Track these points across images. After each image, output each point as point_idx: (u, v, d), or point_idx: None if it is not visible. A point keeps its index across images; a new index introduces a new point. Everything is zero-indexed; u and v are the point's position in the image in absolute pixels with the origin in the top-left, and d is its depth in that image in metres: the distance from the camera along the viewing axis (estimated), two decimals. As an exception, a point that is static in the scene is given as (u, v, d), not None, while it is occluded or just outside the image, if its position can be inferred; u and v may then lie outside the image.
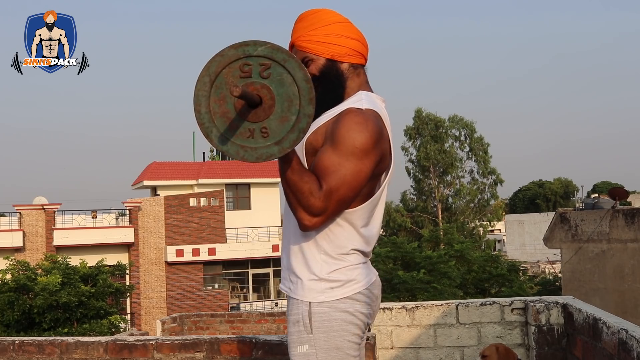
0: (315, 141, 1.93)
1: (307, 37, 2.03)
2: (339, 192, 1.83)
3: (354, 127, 1.85)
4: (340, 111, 1.93)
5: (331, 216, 1.86)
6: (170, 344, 3.36)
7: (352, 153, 1.84)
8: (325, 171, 1.83)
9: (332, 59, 2.02)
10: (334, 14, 2.06)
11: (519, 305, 3.67)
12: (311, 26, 2.03)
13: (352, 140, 1.84)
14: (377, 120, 1.91)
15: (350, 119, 1.87)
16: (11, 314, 16.04)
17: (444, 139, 41.41)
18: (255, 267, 31.43)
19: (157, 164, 32.21)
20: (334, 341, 1.91)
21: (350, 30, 2.05)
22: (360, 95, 2.00)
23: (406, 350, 3.67)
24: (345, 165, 1.83)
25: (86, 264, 18.20)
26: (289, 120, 1.72)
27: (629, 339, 2.41)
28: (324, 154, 1.86)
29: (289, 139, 1.71)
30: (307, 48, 2.03)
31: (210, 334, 9.10)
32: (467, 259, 22.53)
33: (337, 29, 2.03)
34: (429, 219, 41.01)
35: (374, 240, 2.04)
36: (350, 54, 2.03)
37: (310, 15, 2.05)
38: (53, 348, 3.45)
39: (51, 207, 26.62)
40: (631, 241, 10.25)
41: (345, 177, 1.83)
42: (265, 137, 1.73)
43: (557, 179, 66.79)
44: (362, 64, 2.08)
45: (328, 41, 2.01)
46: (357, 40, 2.05)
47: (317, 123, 1.96)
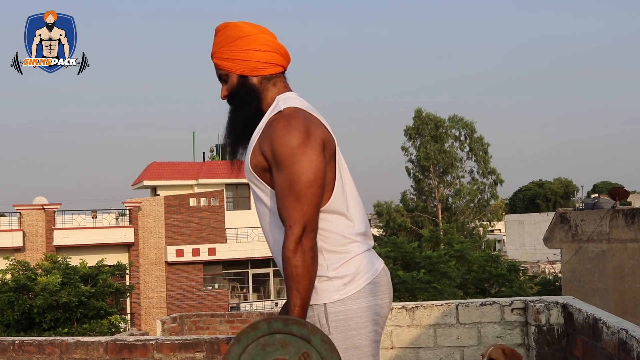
0: (258, 162, 1.95)
1: (218, 54, 2.08)
2: (301, 196, 1.85)
3: (280, 133, 1.89)
4: (264, 126, 1.97)
5: (312, 216, 1.87)
6: (170, 344, 3.36)
7: (292, 155, 1.86)
8: (282, 194, 1.87)
9: (242, 74, 2.05)
10: (242, 27, 2.07)
11: (519, 305, 3.67)
12: (221, 42, 2.07)
13: (286, 146, 1.87)
14: (298, 112, 1.94)
15: (274, 128, 1.91)
16: (11, 314, 16.04)
17: (444, 139, 41.39)
18: (255, 267, 31.43)
19: (157, 164, 32.21)
20: (352, 340, 1.91)
21: (259, 42, 2.06)
22: (277, 101, 2.02)
23: (406, 350, 3.67)
24: (294, 169, 1.86)
25: (86, 264, 18.21)
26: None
27: (629, 339, 2.41)
28: (276, 180, 1.90)
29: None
30: (220, 65, 2.08)
31: (210, 334, 9.10)
32: (467, 259, 22.53)
33: (243, 43, 2.04)
34: (429, 219, 41.00)
35: (363, 218, 2.05)
36: (260, 67, 2.05)
37: (221, 30, 2.09)
38: (53, 348, 3.45)
39: (51, 207, 26.62)
40: (631, 241, 10.25)
41: (300, 178, 1.85)
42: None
43: (557, 179, 66.78)
44: (277, 72, 2.09)
45: (236, 57, 2.04)
46: (267, 51, 2.06)
47: (251, 145, 1.99)
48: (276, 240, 1.97)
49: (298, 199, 1.84)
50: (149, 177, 31.36)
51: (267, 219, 2.00)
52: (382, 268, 2.03)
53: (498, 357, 3.12)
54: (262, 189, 1.98)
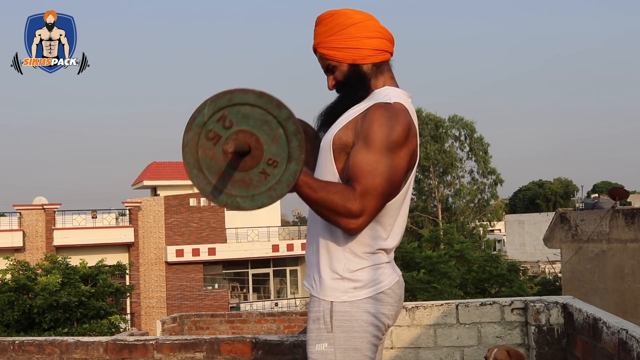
0: (346, 136, 1.90)
1: (326, 44, 2.00)
2: (378, 190, 1.81)
3: (385, 121, 1.84)
4: (368, 106, 1.92)
5: (374, 214, 1.84)
6: (170, 344, 3.36)
7: (387, 148, 1.83)
8: (360, 171, 1.82)
9: (354, 63, 1.99)
10: (351, 14, 2.01)
11: (519, 305, 3.67)
12: (329, 31, 2.00)
13: (385, 135, 1.83)
14: (407, 114, 1.91)
15: (380, 114, 1.86)
16: (11, 314, 16.03)
17: (444, 139, 41.41)
18: (255, 267, 31.43)
19: (157, 164, 32.22)
20: (353, 342, 1.90)
21: (369, 29, 2.00)
22: (387, 90, 1.98)
23: (406, 350, 3.67)
24: (382, 161, 1.82)
25: (86, 264, 18.20)
26: (282, 143, 1.72)
27: (629, 339, 2.41)
28: (357, 154, 1.84)
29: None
30: (328, 55, 2.00)
31: (210, 334, 9.10)
32: (467, 259, 22.53)
33: (355, 31, 1.98)
34: (429, 219, 41.01)
35: (400, 237, 2.02)
36: (371, 55, 1.99)
37: (327, 19, 2.01)
38: (53, 348, 3.45)
39: (51, 207, 26.61)
40: (631, 241, 10.25)
41: (383, 173, 1.81)
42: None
43: (557, 179, 66.75)
44: (386, 59, 2.04)
45: (347, 45, 1.98)
46: (377, 38, 2.01)
47: (346, 118, 1.94)
48: (315, 221, 1.96)
49: (374, 190, 1.81)
50: (149, 177, 31.36)
51: None
52: (396, 281, 2.00)
53: (503, 359, 3.12)
54: (328, 165, 1.93)
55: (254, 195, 1.73)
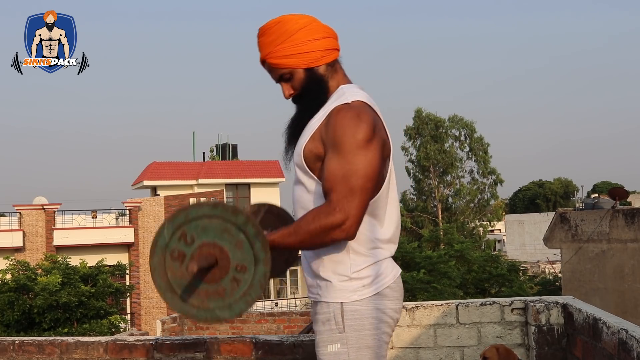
0: (315, 147, 1.91)
1: (277, 53, 1.98)
2: (356, 189, 1.82)
3: (348, 123, 1.85)
4: (328, 112, 1.92)
5: (360, 213, 1.85)
6: (170, 344, 3.36)
7: (357, 147, 1.83)
8: (334, 179, 1.83)
9: (308, 67, 1.98)
10: (296, 20, 1.99)
11: (519, 305, 3.67)
12: (277, 40, 1.97)
13: (352, 137, 1.84)
14: (367, 109, 1.92)
15: (341, 117, 1.87)
16: (11, 314, 16.03)
17: (444, 139, 41.40)
18: (255, 267, 31.40)
19: (157, 164, 32.21)
20: (366, 340, 1.91)
21: (316, 30, 1.99)
22: (343, 90, 1.98)
23: (406, 350, 3.67)
24: (354, 160, 1.83)
25: (86, 264, 18.20)
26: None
27: (629, 339, 2.41)
28: (329, 163, 1.86)
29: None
30: (281, 64, 1.98)
31: (210, 334, 9.10)
32: (467, 259, 22.53)
33: (303, 35, 1.97)
34: (429, 219, 41.00)
35: (395, 225, 2.03)
36: (323, 55, 1.99)
37: (272, 28, 1.99)
38: (53, 348, 3.45)
39: (51, 207, 26.61)
40: (631, 241, 10.25)
41: (358, 171, 1.82)
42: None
43: (557, 179, 66.79)
44: (337, 57, 2.05)
45: (299, 51, 1.96)
46: (325, 38, 2.00)
47: (311, 129, 1.94)
48: None
49: (352, 191, 1.82)
50: (149, 177, 31.35)
51: (302, 204, 1.97)
52: (398, 275, 2.03)
53: (492, 356, 3.15)
54: (308, 176, 1.94)
55: (230, 304, 1.78)
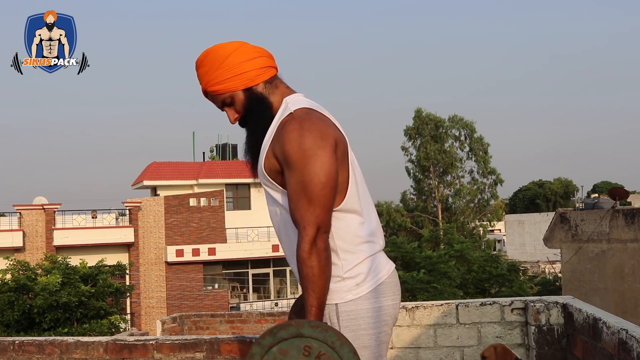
0: (272, 165, 1.96)
1: (213, 80, 2.04)
2: (314, 198, 1.85)
3: (292, 135, 1.89)
4: (275, 128, 1.97)
5: (326, 216, 1.88)
6: (170, 344, 3.36)
7: (304, 157, 1.86)
8: (295, 196, 1.88)
9: (246, 87, 2.03)
10: (224, 46, 2.05)
11: (519, 305, 3.67)
12: (211, 69, 2.04)
13: (298, 148, 1.87)
14: (309, 113, 1.95)
15: (286, 130, 1.91)
16: (11, 314, 16.04)
17: (444, 139, 41.40)
18: (255, 267, 31.42)
19: (157, 164, 32.20)
20: (362, 340, 1.92)
21: (247, 52, 2.05)
22: (286, 102, 2.02)
23: (406, 350, 3.67)
24: (306, 172, 1.86)
25: (86, 264, 18.21)
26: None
27: (629, 339, 2.41)
28: (288, 182, 1.90)
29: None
30: (220, 90, 2.04)
31: (210, 334, 9.10)
32: (467, 259, 22.53)
33: (234, 58, 2.03)
34: (429, 219, 41.00)
35: (374, 215, 2.06)
36: (259, 74, 2.04)
37: (204, 59, 2.06)
38: (53, 348, 3.44)
39: (51, 207, 26.62)
40: (631, 241, 10.25)
41: (312, 181, 1.85)
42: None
43: (557, 179, 66.78)
44: (274, 74, 2.09)
45: (234, 74, 2.02)
46: (258, 58, 2.06)
47: (264, 149, 1.98)
48: (291, 241, 1.98)
49: (311, 201, 1.85)
50: (149, 177, 31.35)
51: (281, 220, 2.00)
52: (392, 270, 2.04)
53: (490, 356, 3.16)
54: (277, 191, 1.99)
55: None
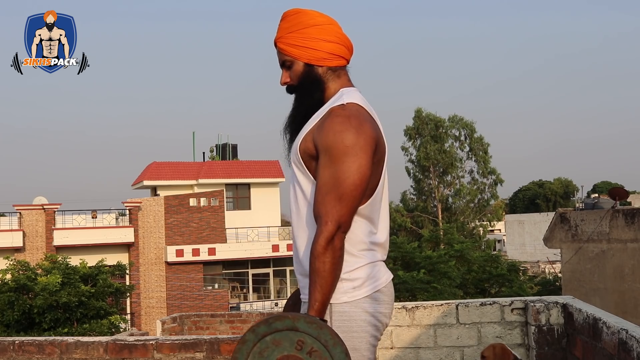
0: (307, 149, 1.95)
1: (286, 40, 2.05)
2: (344, 197, 1.85)
3: (338, 127, 1.88)
4: (323, 114, 1.96)
5: (349, 218, 1.88)
6: (170, 344, 3.36)
7: (344, 154, 1.86)
8: (325, 188, 1.86)
9: (309, 63, 2.03)
10: (314, 15, 2.05)
11: (519, 305, 3.67)
12: (291, 28, 2.04)
13: (341, 143, 1.86)
14: (360, 111, 1.94)
15: (332, 120, 1.90)
16: (11, 314, 16.03)
17: (444, 139, 41.40)
18: (255, 267, 31.42)
19: (157, 164, 32.21)
20: (352, 342, 1.92)
21: (329, 32, 2.04)
22: (341, 93, 2.02)
23: (406, 350, 3.67)
24: (343, 169, 1.85)
25: (86, 264, 18.20)
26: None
27: (629, 339, 2.41)
28: (320, 171, 1.89)
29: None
30: (286, 50, 2.05)
31: (210, 334, 9.10)
32: (467, 259, 22.53)
33: (314, 32, 2.03)
34: (429, 219, 41.00)
35: (387, 229, 2.06)
36: (327, 58, 2.04)
37: (291, 16, 2.06)
38: (53, 348, 3.44)
39: (51, 207, 26.62)
40: (631, 241, 10.25)
41: (347, 180, 1.85)
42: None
43: (557, 179, 66.77)
44: (342, 65, 2.08)
45: (305, 45, 2.02)
46: (335, 43, 2.05)
47: (306, 129, 1.98)
48: (302, 226, 1.98)
49: (340, 199, 1.84)
50: (149, 177, 31.35)
51: (298, 204, 1.99)
52: (389, 280, 2.04)
53: (489, 355, 3.16)
54: (304, 174, 1.97)
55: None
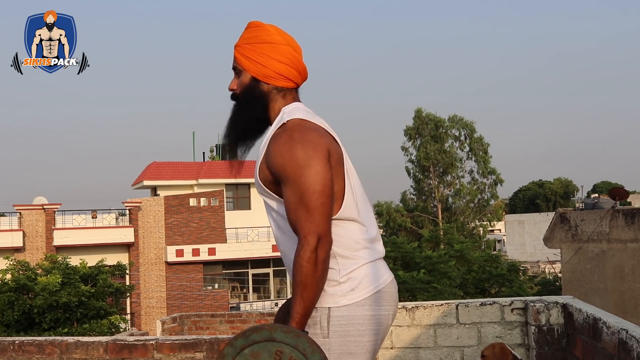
0: (266, 176, 1.97)
1: (241, 49, 2.08)
2: (317, 211, 1.84)
3: (284, 147, 1.89)
4: (268, 140, 1.98)
5: (326, 225, 1.87)
6: (170, 344, 3.36)
7: (298, 169, 1.86)
8: (293, 207, 1.87)
9: (256, 77, 2.05)
10: (272, 33, 2.07)
11: (519, 305, 3.67)
12: (249, 39, 2.07)
13: (290, 161, 1.87)
14: (301, 124, 1.94)
15: (277, 142, 1.92)
16: (11, 314, 16.03)
17: (444, 139, 41.39)
18: (255, 267, 31.42)
19: (157, 164, 32.21)
20: (349, 346, 1.91)
21: (282, 53, 2.05)
22: (282, 113, 2.03)
23: (406, 350, 3.67)
24: (301, 182, 1.85)
25: (86, 264, 18.20)
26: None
27: (629, 339, 2.41)
28: (285, 192, 1.90)
29: None
30: (238, 59, 2.08)
31: (210, 334, 9.10)
32: (467, 259, 22.54)
33: (267, 49, 2.04)
34: (429, 219, 41.00)
35: (374, 222, 2.06)
36: (273, 77, 2.05)
37: (252, 28, 2.09)
38: (53, 348, 3.44)
39: (51, 207, 26.61)
40: (631, 241, 10.25)
41: (309, 190, 1.85)
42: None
43: (557, 179, 66.78)
44: (289, 87, 2.08)
45: (256, 59, 2.05)
46: (286, 65, 2.05)
47: (258, 159, 2.00)
48: (290, 249, 1.97)
49: (309, 211, 1.84)
50: (149, 177, 31.35)
51: (279, 228, 2.00)
52: (390, 280, 2.02)
53: (489, 355, 3.17)
54: (273, 199, 1.99)
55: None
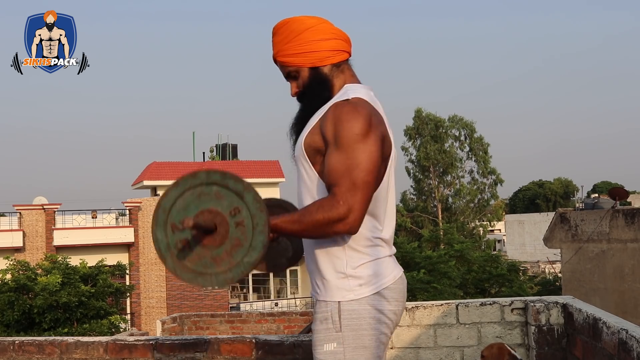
0: (313, 142, 1.94)
1: (284, 51, 2.05)
2: (358, 183, 1.83)
3: (345, 117, 1.88)
4: (327, 109, 1.96)
5: (364, 206, 1.86)
6: (170, 344, 3.36)
7: (355, 141, 1.85)
8: (336, 174, 1.85)
9: (313, 66, 2.03)
10: (303, 20, 2.06)
11: (519, 305, 3.67)
12: (285, 39, 2.05)
13: (349, 130, 1.86)
14: (365, 105, 1.94)
15: (339, 112, 1.90)
16: (11, 314, 16.03)
17: (444, 139, 41.41)
18: (255, 267, 31.41)
19: (157, 164, 32.21)
20: (362, 340, 1.92)
21: (323, 31, 2.05)
22: (345, 88, 2.02)
23: (406, 350, 3.67)
24: (354, 155, 1.85)
25: (86, 264, 18.20)
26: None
27: (629, 339, 2.41)
28: (330, 159, 1.88)
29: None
30: (287, 62, 2.05)
31: (210, 334, 9.10)
32: (467, 259, 22.54)
33: (309, 35, 2.03)
34: (429, 219, 41.01)
35: (393, 226, 2.05)
36: (329, 56, 2.04)
37: (282, 28, 2.07)
38: (53, 348, 3.44)
39: (51, 207, 26.61)
40: (631, 241, 10.25)
41: (359, 165, 1.84)
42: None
43: (557, 179, 66.79)
44: (345, 59, 2.08)
45: (304, 50, 2.03)
46: (333, 39, 2.05)
47: (311, 123, 1.98)
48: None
49: (355, 185, 1.83)
50: (149, 177, 31.35)
51: (308, 202, 1.98)
52: (400, 276, 2.02)
53: (488, 355, 3.17)
54: (309, 171, 1.97)
55: (250, 244, 1.79)
